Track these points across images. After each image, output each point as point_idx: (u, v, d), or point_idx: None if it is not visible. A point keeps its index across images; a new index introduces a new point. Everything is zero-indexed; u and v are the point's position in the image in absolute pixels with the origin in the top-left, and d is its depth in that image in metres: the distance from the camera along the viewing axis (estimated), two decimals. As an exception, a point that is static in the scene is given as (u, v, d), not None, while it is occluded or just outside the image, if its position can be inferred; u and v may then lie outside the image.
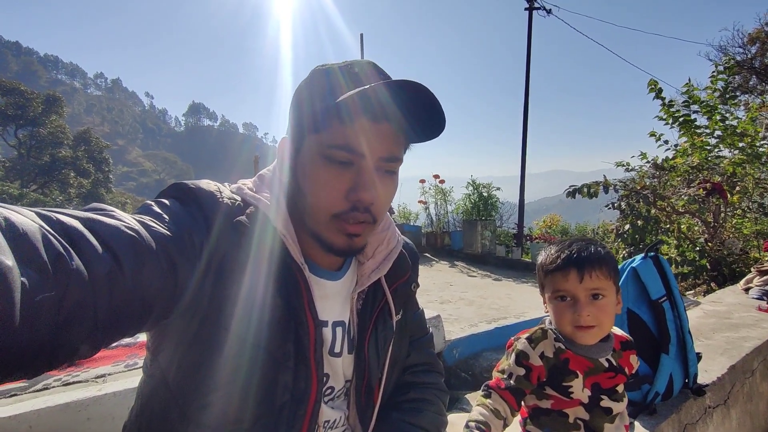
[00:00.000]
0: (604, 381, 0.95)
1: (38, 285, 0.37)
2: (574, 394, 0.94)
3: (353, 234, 0.68)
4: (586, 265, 0.91)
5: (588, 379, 0.95)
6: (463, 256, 8.25)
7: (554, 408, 0.96)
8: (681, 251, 5.07)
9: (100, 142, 35.09)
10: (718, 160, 5.16)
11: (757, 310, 2.69)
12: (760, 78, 16.64)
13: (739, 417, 1.85)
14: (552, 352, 0.96)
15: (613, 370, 0.96)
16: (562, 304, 0.94)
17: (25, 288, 0.35)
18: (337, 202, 0.66)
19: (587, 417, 0.94)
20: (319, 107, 0.65)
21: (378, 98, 0.62)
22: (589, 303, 0.92)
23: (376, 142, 0.65)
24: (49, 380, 1.47)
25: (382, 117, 0.64)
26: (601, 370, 0.95)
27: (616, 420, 0.96)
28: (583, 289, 0.91)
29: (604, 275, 0.91)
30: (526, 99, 10.98)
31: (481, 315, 3.98)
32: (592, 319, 0.92)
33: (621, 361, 0.98)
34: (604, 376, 0.95)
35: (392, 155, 0.68)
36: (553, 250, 0.97)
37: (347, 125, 0.63)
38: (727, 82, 5.34)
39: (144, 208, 0.60)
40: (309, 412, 0.68)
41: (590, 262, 0.91)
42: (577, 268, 0.91)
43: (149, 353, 0.69)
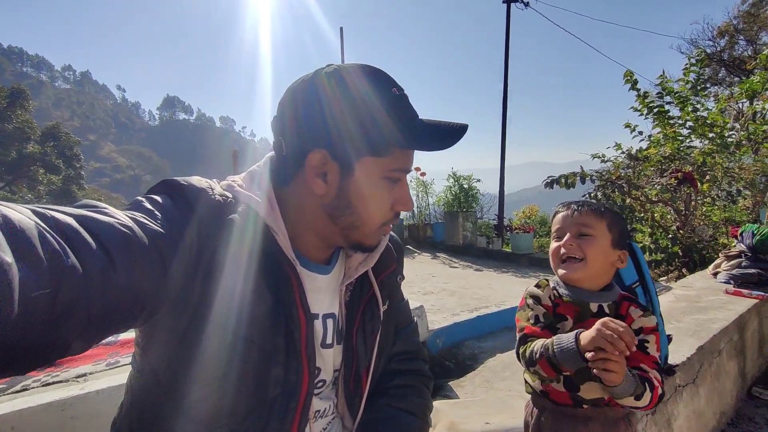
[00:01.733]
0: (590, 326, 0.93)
1: (34, 281, 0.37)
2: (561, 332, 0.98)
3: (385, 233, 0.79)
4: (580, 205, 1.03)
5: (577, 324, 0.98)
6: (445, 247, 8.34)
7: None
8: (654, 239, 5.24)
9: (70, 137, 33.87)
10: (689, 150, 5.33)
11: (724, 293, 2.82)
12: (728, 70, 17.20)
13: (707, 395, 1.95)
14: (548, 298, 1.04)
15: (600, 316, 0.95)
16: (556, 240, 1.05)
17: (22, 284, 0.36)
18: (387, 213, 0.75)
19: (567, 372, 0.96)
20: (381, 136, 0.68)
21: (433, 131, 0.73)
22: (576, 237, 1.00)
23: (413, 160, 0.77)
24: (28, 381, 1.44)
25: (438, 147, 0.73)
26: (588, 315, 0.98)
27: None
28: (573, 223, 1.01)
29: (595, 215, 1.01)
30: (505, 91, 11.09)
31: (463, 305, 4.05)
32: (575, 249, 0.99)
33: (620, 310, 1.00)
34: (592, 322, 0.92)
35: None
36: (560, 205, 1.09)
37: (408, 152, 0.73)
38: (699, 74, 5.51)
39: (135, 204, 0.60)
40: (300, 404, 0.69)
41: (585, 203, 1.03)
42: (571, 208, 1.03)
43: (138, 348, 0.69)
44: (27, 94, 31.91)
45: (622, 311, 1.00)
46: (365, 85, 0.69)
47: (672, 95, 5.40)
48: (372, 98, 0.68)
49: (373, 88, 0.69)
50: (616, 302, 1.01)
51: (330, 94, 0.68)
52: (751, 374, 2.56)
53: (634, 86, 5.55)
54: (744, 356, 2.45)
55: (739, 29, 17.08)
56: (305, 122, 0.69)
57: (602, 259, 0.99)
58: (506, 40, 11.21)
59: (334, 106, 0.67)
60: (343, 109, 0.67)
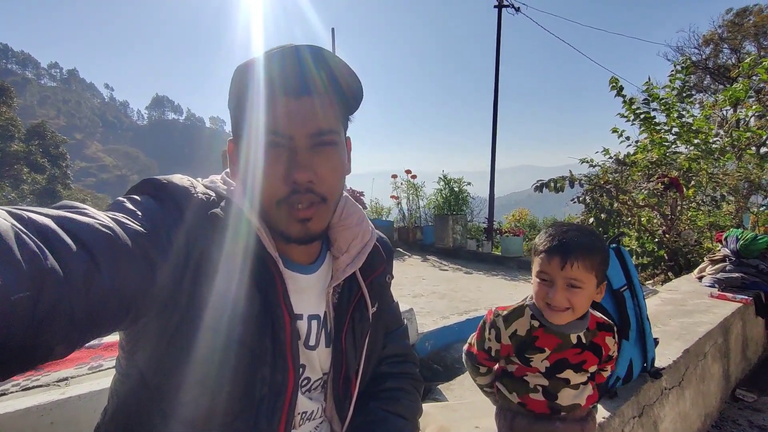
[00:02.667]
0: (571, 357, 1.03)
1: (13, 284, 0.36)
2: (533, 363, 1.04)
3: (305, 218, 0.68)
4: (570, 256, 0.95)
5: (554, 354, 1.03)
6: (435, 250, 8.35)
7: (517, 374, 1.07)
8: (641, 243, 5.31)
9: (55, 135, 33.35)
10: (675, 156, 5.42)
11: (709, 297, 2.87)
12: (713, 78, 17.58)
13: (693, 397, 1.97)
14: (525, 330, 1.04)
15: (580, 347, 1.03)
16: (541, 284, 1.01)
17: (0, 287, 0.35)
18: (277, 187, 0.66)
19: (546, 383, 1.04)
20: (241, 98, 0.66)
21: (285, 71, 0.63)
22: (565, 289, 0.97)
23: (301, 119, 0.65)
24: (7, 385, 1.40)
25: (297, 91, 0.65)
26: (568, 346, 1.02)
27: (579, 389, 1.04)
28: (562, 276, 0.96)
29: (585, 268, 0.96)
30: (496, 96, 11.17)
31: (453, 308, 4.05)
32: (564, 303, 0.98)
33: (596, 339, 1.05)
34: (572, 352, 1.03)
35: (321, 128, 0.67)
36: (550, 232, 1.02)
37: (269, 108, 0.64)
38: (685, 81, 5.62)
39: (116, 204, 0.58)
40: (287, 403, 0.69)
41: (575, 253, 0.95)
42: (561, 256, 0.96)
43: (124, 352, 0.67)
44: (11, 91, 31.34)
45: (598, 340, 1.06)
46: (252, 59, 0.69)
47: (658, 102, 5.50)
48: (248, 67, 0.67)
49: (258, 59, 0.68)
50: (592, 331, 1.06)
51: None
52: (734, 377, 2.60)
53: (619, 92, 5.64)
54: (728, 359, 2.49)
55: (724, 38, 17.50)
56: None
57: (588, 303, 1.02)
58: (497, 44, 11.31)
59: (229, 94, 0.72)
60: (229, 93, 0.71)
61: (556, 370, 1.03)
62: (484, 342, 1.10)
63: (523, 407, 1.06)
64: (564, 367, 1.03)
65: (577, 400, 1.04)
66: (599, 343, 1.05)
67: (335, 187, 0.71)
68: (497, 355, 1.09)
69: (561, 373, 1.03)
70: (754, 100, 7.10)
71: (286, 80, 0.63)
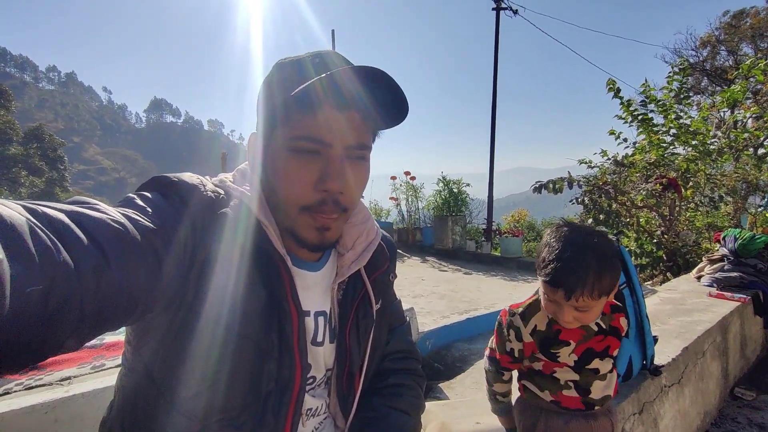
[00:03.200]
0: (596, 345, 1.02)
1: (26, 277, 0.36)
2: (560, 358, 1.01)
3: (324, 227, 0.69)
4: (575, 292, 0.89)
5: (580, 345, 1.01)
6: (434, 251, 8.35)
7: (546, 371, 1.04)
8: (640, 243, 5.32)
9: (53, 138, 33.30)
10: (673, 157, 5.44)
11: (707, 296, 2.88)
12: (710, 79, 17.65)
13: (692, 395, 1.98)
14: (545, 324, 1.02)
15: (602, 333, 1.02)
16: (549, 303, 0.97)
17: (14, 280, 0.35)
18: (306, 193, 0.66)
19: (577, 377, 1.02)
20: (284, 99, 0.65)
21: (341, 85, 0.63)
22: (573, 311, 0.93)
23: (342, 131, 0.66)
24: (11, 384, 1.40)
25: (347, 104, 0.65)
26: (592, 335, 1.01)
27: (606, 378, 1.03)
28: (569, 304, 0.93)
29: (593, 297, 0.90)
30: (494, 98, 11.20)
31: (453, 308, 4.06)
32: (573, 323, 0.96)
33: (613, 323, 1.04)
34: (596, 340, 1.02)
35: (360, 143, 0.68)
36: (550, 251, 0.94)
37: (312, 115, 0.64)
38: (682, 83, 5.64)
39: (126, 201, 0.59)
40: (293, 399, 0.69)
41: (580, 288, 0.89)
42: (565, 291, 0.90)
43: (130, 347, 0.68)
44: (10, 94, 31.32)
45: (615, 323, 1.04)
46: (289, 61, 0.69)
47: (655, 103, 5.52)
48: (287, 70, 0.68)
49: (296, 61, 0.69)
50: (608, 315, 1.05)
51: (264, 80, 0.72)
52: (733, 375, 2.61)
53: (617, 94, 5.66)
54: (727, 357, 2.50)
55: (721, 40, 17.58)
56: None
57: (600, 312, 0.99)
58: (495, 46, 11.34)
59: (261, 90, 0.72)
60: (265, 90, 0.71)
61: (585, 362, 1.01)
62: (504, 344, 1.07)
63: (557, 405, 1.03)
64: (592, 357, 1.01)
65: (608, 391, 1.03)
66: (617, 325, 1.04)
67: (357, 200, 0.73)
68: (521, 355, 1.05)
69: (590, 364, 1.01)
70: (751, 101, 7.14)
71: (334, 91, 0.63)
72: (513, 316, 1.06)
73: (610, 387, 1.04)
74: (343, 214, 0.71)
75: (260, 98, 0.72)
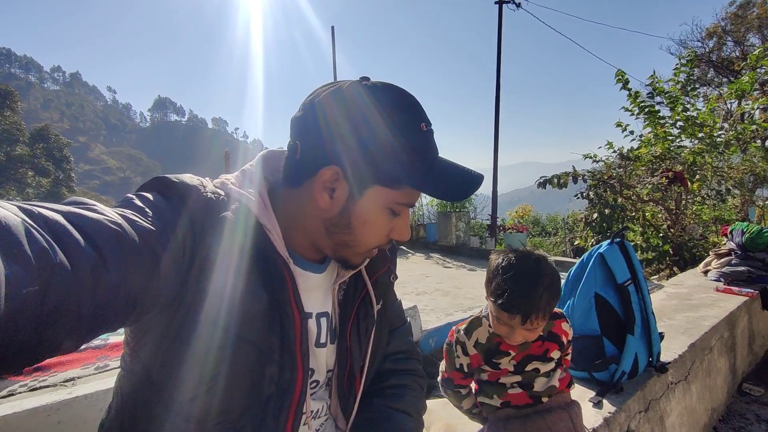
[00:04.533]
0: (534, 350, 1.10)
1: (22, 279, 0.36)
2: (501, 365, 1.10)
3: (371, 257, 0.77)
4: (531, 316, 0.97)
5: (520, 354, 1.09)
6: (438, 247, 8.35)
7: (491, 379, 1.12)
8: (645, 238, 5.29)
9: (59, 138, 33.48)
10: (679, 150, 5.39)
11: (715, 291, 2.85)
12: (717, 71, 17.44)
13: (699, 391, 1.96)
14: (485, 338, 1.10)
15: (541, 339, 1.10)
16: (499, 325, 1.04)
17: (9, 282, 0.35)
18: (382, 240, 0.73)
19: (519, 378, 1.10)
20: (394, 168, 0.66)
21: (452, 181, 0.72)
22: (523, 332, 1.02)
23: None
24: (15, 386, 1.41)
25: None
26: (530, 342, 1.09)
27: (549, 375, 1.11)
28: (523, 328, 1.01)
29: (545, 318, 1.00)
30: (497, 92, 11.14)
31: (456, 305, 4.05)
32: (522, 341, 1.05)
33: (553, 329, 1.12)
34: (534, 346, 1.09)
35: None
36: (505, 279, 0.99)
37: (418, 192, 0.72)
38: (689, 75, 5.58)
39: (125, 201, 0.58)
40: (294, 403, 0.68)
41: (535, 311, 0.97)
42: (522, 316, 0.98)
43: (129, 349, 0.67)
44: (15, 95, 31.51)
45: (555, 330, 1.12)
46: (396, 114, 0.66)
47: (662, 95, 5.46)
48: (398, 129, 0.66)
49: (403, 118, 0.67)
50: (548, 322, 1.10)
51: (358, 114, 0.65)
52: (741, 370, 2.59)
53: (625, 86, 5.60)
54: (734, 353, 2.47)
55: (727, 30, 17.35)
56: (328, 135, 0.66)
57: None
58: (498, 40, 11.26)
59: (360, 127, 0.65)
60: (367, 133, 0.65)
61: (524, 365, 1.09)
62: (454, 362, 1.15)
63: (507, 405, 1.11)
64: (530, 360, 1.09)
65: (552, 383, 1.11)
66: (557, 332, 1.12)
67: None
68: (470, 369, 1.14)
69: (529, 365, 1.09)
70: (759, 92, 7.05)
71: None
72: (458, 332, 1.15)
73: (554, 379, 1.11)
74: None
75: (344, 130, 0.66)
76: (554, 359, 1.11)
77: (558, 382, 1.11)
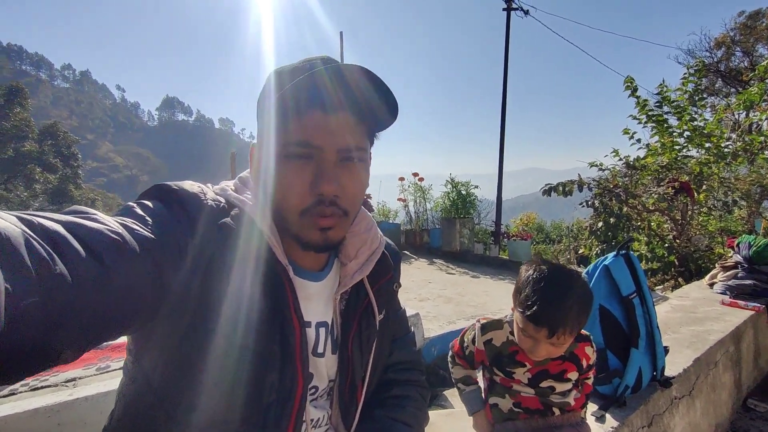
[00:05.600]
0: (552, 367, 1.06)
1: (22, 290, 0.36)
2: (515, 375, 1.07)
3: (326, 227, 0.68)
4: (558, 330, 0.94)
5: (535, 367, 1.06)
6: (442, 253, 8.32)
7: (504, 384, 1.10)
8: (651, 248, 5.24)
9: (68, 136, 33.71)
10: (686, 160, 5.35)
11: (720, 304, 2.82)
12: (725, 81, 17.36)
13: (703, 407, 1.94)
14: (501, 342, 1.08)
15: (561, 358, 1.06)
16: (524, 338, 1.01)
17: (9, 293, 0.35)
18: (303, 197, 0.66)
19: (533, 392, 1.07)
20: (273, 105, 0.65)
21: (327, 87, 0.62)
22: (548, 347, 0.99)
23: (332, 134, 0.65)
24: (16, 385, 1.42)
25: (334, 107, 0.65)
26: (549, 359, 1.05)
27: (565, 395, 1.08)
28: (548, 342, 0.98)
29: (572, 334, 0.97)
30: (504, 98, 11.13)
31: (459, 312, 4.03)
32: (546, 357, 1.02)
33: (576, 351, 1.08)
34: (553, 364, 1.06)
35: (350, 145, 0.67)
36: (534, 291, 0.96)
37: (299, 119, 0.64)
38: (698, 84, 5.54)
39: (125, 210, 0.59)
40: (295, 410, 0.68)
41: (563, 327, 0.94)
42: (549, 329, 0.94)
43: (131, 356, 0.67)
44: (25, 92, 31.79)
45: (577, 351, 1.08)
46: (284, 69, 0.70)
47: (669, 104, 5.43)
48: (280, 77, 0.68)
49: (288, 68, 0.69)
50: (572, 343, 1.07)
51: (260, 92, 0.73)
52: (746, 386, 2.55)
53: (633, 93, 5.57)
54: (740, 368, 2.44)
55: (736, 41, 17.28)
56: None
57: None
58: (506, 47, 11.27)
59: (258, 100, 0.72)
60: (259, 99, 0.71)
61: (539, 380, 1.06)
62: (463, 339, 1.18)
63: (518, 406, 1.08)
64: (545, 377, 1.06)
65: (566, 400, 1.08)
66: (579, 354, 1.08)
67: (357, 202, 0.72)
68: (471, 357, 1.15)
69: (544, 382, 1.06)
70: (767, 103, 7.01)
71: (320, 94, 0.63)
72: (478, 323, 1.15)
73: (569, 398, 1.08)
74: (345, 217, 0.69)
75: (257, 108, 0.72)
76: (571, 380, 1.08)
77: (573, 400, 1.10)
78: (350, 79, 0.63)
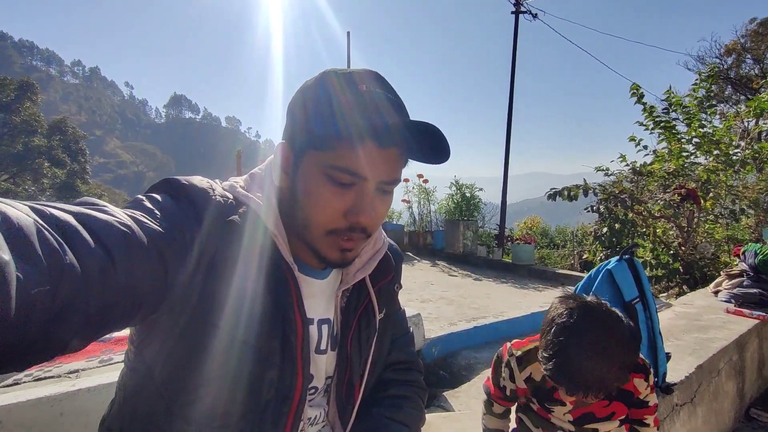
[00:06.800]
0: (598, 410, 0.92)
1: (33, 279, 0.37)
2: (555, 413, 0.95)
3: (347, 249, 0.69)
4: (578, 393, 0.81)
5: (578, 409, 0.92)
6: (445, 255, 8.31)
7: (542, 414, 0.99)
8: (656, 254, 5.21)
9: (76, 131, 34.01)
10: (693, 167, 5.32)
11: (725, 312, 2.80)
12: (735, 88, 17.22)
13: (705, 415, 1.92)
14: (540, 376, 0.94)
15: (608, 398, 0.91)
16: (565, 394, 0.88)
17: (20, 282, 0.36)
18: (335, 220, 0.66)
19: (573, 429, 0.95)
20: (322, 126, 0.63)
21: (388, 125, 0.62)
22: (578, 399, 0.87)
23: (379, 166, 0.65)
24: (20, 375, 1.43)
25: (389, 143, 0.64)
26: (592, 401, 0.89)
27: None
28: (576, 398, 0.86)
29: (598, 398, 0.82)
30: (511, 101, 11.10)
31: (461, 314, 4.02)
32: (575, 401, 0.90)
33: (626, 386, 0.91)
34: (599, 405, 0.91)
35: (394, 178, 0.68)
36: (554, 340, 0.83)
37: (352, 149, 0.62)
38: (709, 90, 5.51)
39: (135, 203, 0.59)
40: (293, 409, 0.68)
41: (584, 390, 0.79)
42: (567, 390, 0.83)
43: (133, 347, 0.68)
44: (35, 87, 32.11)
45: (627, 386, 0.91)
46: (334, 81, 0.67)
47: (679, 110, 5.40)
48: (331, 91, 0.66)
49: (341, 82, 0.67)
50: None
51: (303, 90, 0.69)
52: (749, 395, 2.53)
53: (640, 99, 5.55)
54: (743, 377, 2.42)
55: (747, 48, 17.14)
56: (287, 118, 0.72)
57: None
58: (513, 50, 11.23)
59: (299, 100, 0.69)
60: (303, 102, 0.68)
61: (583, 422, 0.94)
62: (499, 380, 1.03)
63: None
64: (590, 419, 0.93)
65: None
66: (629, 389, 0.92)
67: (380, 223, 0.73)
68: (513, 395, 1.02)
69: (588, 425, 0.93)
70: (777, 111, 6.95)
71: (378, 128, 0.62)
72: (511, 356, 1.01)
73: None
74: (366, 239, 0.71)
75: (296, 107, 0.69)
76: (619, 420, 0.94)
77: None
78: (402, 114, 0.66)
